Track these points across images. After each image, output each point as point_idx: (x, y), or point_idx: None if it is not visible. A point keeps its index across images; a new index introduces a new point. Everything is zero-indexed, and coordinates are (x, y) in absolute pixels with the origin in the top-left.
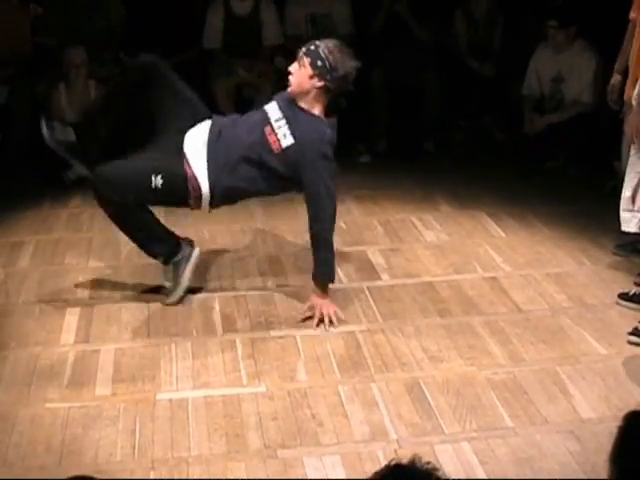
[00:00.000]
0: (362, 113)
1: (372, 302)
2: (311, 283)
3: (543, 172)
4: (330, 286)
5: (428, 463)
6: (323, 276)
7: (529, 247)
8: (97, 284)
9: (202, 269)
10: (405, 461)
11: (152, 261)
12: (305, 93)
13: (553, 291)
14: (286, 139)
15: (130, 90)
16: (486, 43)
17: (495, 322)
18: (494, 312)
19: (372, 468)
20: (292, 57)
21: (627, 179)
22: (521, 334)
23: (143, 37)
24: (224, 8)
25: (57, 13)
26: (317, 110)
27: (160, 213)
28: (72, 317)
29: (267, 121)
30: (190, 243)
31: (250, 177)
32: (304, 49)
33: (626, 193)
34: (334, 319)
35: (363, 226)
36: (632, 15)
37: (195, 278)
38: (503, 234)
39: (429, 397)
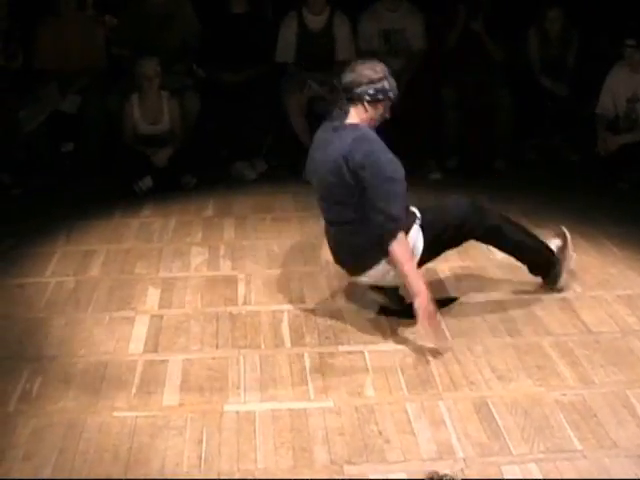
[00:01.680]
0: (433, 130)
1: (441, 320)
2: None
3: (615, 193)
4: None
5: (445, 475)
6: None
7: (600, 268)
8: (166, 294)
9: (271, 283)
10: None
11: (222, 273)
12: None
13: (624, 313)
14: None
15: None
16: (559, 62)
17: (565, 343)
18: (564, 333)
19: None
20: None
21: None
22: (591, 356)
23: (216, 50)
24: (298, 22)
25: (132, 25)
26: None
27: (230, 227)
28: (141, 327)
29: None
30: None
31: None
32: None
33: None
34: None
35: None
36: None
37: (265, 292)
38: (574, 254)
39: (497, 417)
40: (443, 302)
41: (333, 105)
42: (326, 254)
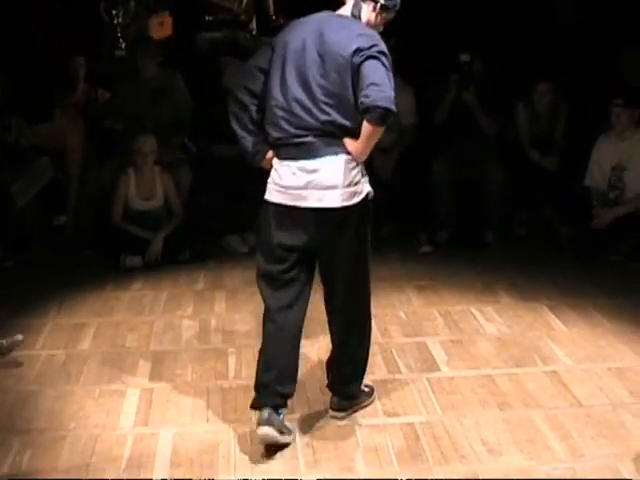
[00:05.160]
0: (424, 203)
1: (431, 393)
2: None
3: (605, 265)
4: (390, 376)
5: None
6: None
7: (590, 341)
8: (157, 368)
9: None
10: None
11: (212, 346)
12: None
13: (614, 386)
14: None
15: None
16: (548, 135)
17: (555, 416)
18: (554, 406)
19: None
20: None
21: None
22: (582, 429)
23: (209, 124)
24: None
25: (125, 99)
26: None
27: (222, 300)
28: (132, 400)
29: None
30: None
31: None
32: None
33: None
34: None
35: (423, 317)
36: None
37: (256, 366)
38: (564, 327)
39: None
40: None
41: None
42: (316, 328)
